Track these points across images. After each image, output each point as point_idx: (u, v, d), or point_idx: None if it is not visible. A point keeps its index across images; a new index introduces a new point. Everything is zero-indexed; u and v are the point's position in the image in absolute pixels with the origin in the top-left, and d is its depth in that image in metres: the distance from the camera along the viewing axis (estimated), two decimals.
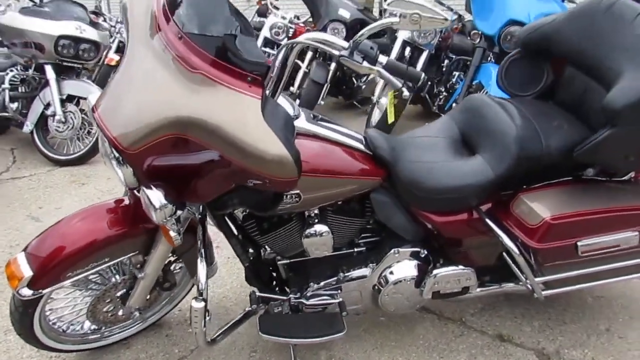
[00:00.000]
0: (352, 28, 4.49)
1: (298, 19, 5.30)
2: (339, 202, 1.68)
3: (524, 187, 1.69)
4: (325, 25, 4.43)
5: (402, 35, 4.15)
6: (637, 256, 1.72)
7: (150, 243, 1.66)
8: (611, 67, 1.57)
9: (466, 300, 2.14)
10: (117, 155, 1.35)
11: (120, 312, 1.84)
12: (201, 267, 1.53)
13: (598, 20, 1.68)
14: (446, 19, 1.34)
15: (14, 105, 4.04)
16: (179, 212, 1.46)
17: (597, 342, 1.92)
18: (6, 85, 3.97)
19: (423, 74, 1.49)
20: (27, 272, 1.52)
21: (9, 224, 3.00)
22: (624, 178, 1.79)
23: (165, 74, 1.28)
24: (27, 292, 1.52)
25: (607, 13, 1.66)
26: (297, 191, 1.49)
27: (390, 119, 1.87)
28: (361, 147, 1.64)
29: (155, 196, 1.33)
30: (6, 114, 4.06)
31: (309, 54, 4.66)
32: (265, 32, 4.93)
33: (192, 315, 1.51)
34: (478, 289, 1.86)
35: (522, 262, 1.67)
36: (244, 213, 1.67)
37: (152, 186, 1.35)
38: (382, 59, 1.37)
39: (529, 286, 1.75)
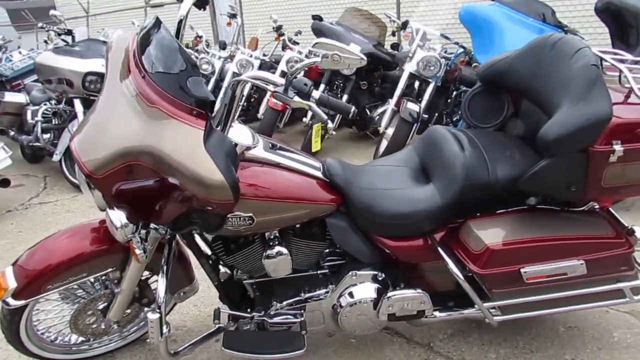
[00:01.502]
0: None
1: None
2: (298, 226, 1.80)
3: (477, 214, 1.76)
4: None
5: (409, 68, 4.28)
6: (588, 285, 1.74)
7: (126, 260, 1.82)
8: (552, 101, 1.65)
9: (435, 325, 2.19)
10: (86, 180, 1.53)
11: (102, 325, 1.99)
12: (161, 282, 1.68)
13: (545, 57, 1.76)
14: (363, 58, 1.47)
15: (46, 136, 4.39)
16: (143, 232, 1.63)
17: None
18: (39, 117, 4.33)
19: (353, 108, 1.62)
20: (12, 283, 1.70)
21: (28, 244, 3.23)
22: (582, 208, 1.83)
23: (128, 109, 1.46)
24: (12, 301, 1.70)
25: (553, 50, 1.74)
26: (250, 214, 1.62)
27: (315, 147, 1.99)
28: (317, 174, 1.77)
29: (116, 216, 1.50)
30: (39, 144, 4.42)
31: (321, 87, 4.85)
32: (282, 66, 5.16)
33: (149, 326, 1.64)
34: (438, 314, 1.91)
35: (467, 288, 1.73)
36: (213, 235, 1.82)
37: (115, 207, 1.51)
38: (315, 94, 1.50)
39: (485, 312, 1.80)
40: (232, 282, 1.93)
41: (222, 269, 1.89)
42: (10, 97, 4.89)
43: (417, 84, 4.52)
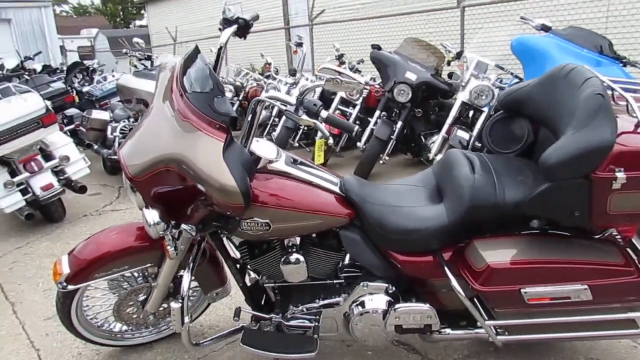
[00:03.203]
0: (418, 89, 4.75)
1: (374, 80, 5.70)
2: (314, 236, 1.95)
3: (485, 235, 1.82)
4: (393, 86, 4.74)
5: (461, 96, 4.34)
6: (596, 313, 1.74)
7: (163, 257, 2.04)
8: (560, 128, 1.70)
9: (452, 345, 2.23)
10: (130, 183, 1.78)
11: (140, 316, 2.22)
12: (186, 277, 1.89)
13: (559, 86, 1.82)
14: (360, 83, 1.61)
15: None
16: (175, 231, 1.85)
17: None
18: (117, 133, 4.81)
19: (357, 127, 1.75)
20: (66, 269, 1.98)
21: None
22: (599, 236, 1.84)
23: (166, 123, 1.70)
24: (64, 285, 1.97)
25: (566, 79, 1.79)
26: (267, 220, 1.79)
27: (318, 161, 2.12)
28: (334, 188, 1.91)
29: (150, 215, 1.73)
30: (116, 157, 4.88)
31: (377, 112, 5.00)
32: (341, 92, 5.37)
33: (172, 314, 1.84)
34: (450, 331, 1.97)
35: (469, 305, 1.79)
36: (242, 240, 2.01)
37: (150, 207, 1.75)
38: (324, 113, 1.66)
39: (488, 330, 1.84)
40: (257, 285, 2.10)
41: (250, 273, 2.06)
42: (97, 114, 5.46)
43: (471, 113, 4.57)
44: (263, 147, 1.87)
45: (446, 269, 1.81)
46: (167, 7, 17.54)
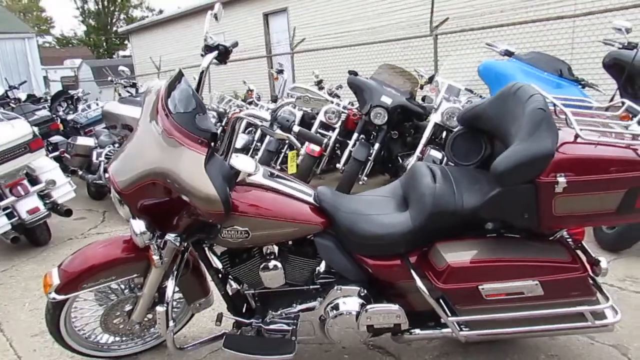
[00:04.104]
0: (393, 112, 4.97)
1: (352, 105, 5.92)
2: (290, 243, 2.10)
3: (446, 238, 1.99)
4: (369, 110, 4.96)
5: (434, 118, 4.56)
6: (549, 307, 1.90)
7: (149, 268, 2.16)
8: (510, 140, 1.89)
9: (424, 347, 2.37)
10: (118, 197, 1.92)
11: (127, 326, 2.32)
12: (170, 284, 2.02)
13: (508, 102, 2.02)
14: (327, 100, 1.80)
15: (107, 175, 4.96)
16: (160, 241, 1.98)
17: None
18: (102, 158, 4.92)
19: (325, 139, 1.93)
20: (55, 281, 2.09)
21: None
22: (552, 238, 2.02)
23: (152, 140, 1.86)
24: (54, 296, 2.08)
25: (514, 96, 2.00)
26: (246, 228, 1.94)
27: (291, 170, 2.29)
28: (309, 199, 2.07)
29: (137, 225, 1.87)
30: (101, 182, 5.00)
31: (355, 135, 5.20)
32: (320, 117, 5.55)
33: (157, 318, 1.96)
34: (419, 331, 2.11)
35: (432, 302, 1.94)
36: (223, 249, 2.14)
37: (136, 217, 1.89)
38: (296, 128, 1.84)
39: (451, 326, 1.99)
40: (238, 294, 2.23)
41: (232, 283, 2.19)
42: (81, 140, 5.57)
43: (444, 133, 4.79)
44: (242, 162, 2.02)
45: (412, 270, 1.97)
46: (150, 38, 17.83)
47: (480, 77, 4.11)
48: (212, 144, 1.83)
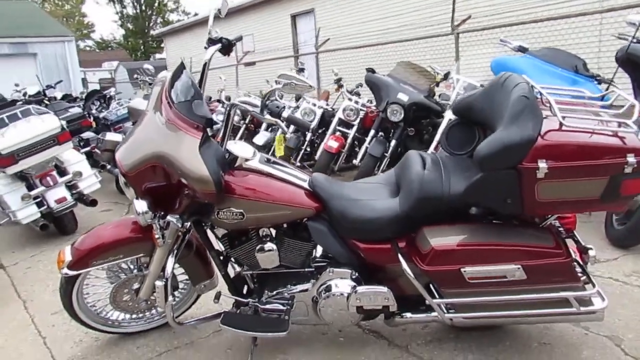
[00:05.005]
0: (409, 109, 5.02)
1: (371, 102, 5.98)
2: (285, 227, 2.19)
3: (433, 223, 2.05)
4: (386, 107, 5.02)
5: (448, 114, 4.59)
6: (533, 292, 1.94)
7: (154, 248, 2.30)
8: (496, 127, 1.94)
9: (417, 332, 2.43)
10: (124, 179, 2.06)
11: (135, 304, 2.47)
12: (170, 261, 2.14)
13: (497, 92, 2.06)
14: (311, 86, 1.88)
15: None
16: (163, 222, 2.11)
17: None
18: None
19: (312, 124, 2.01)
20: (68, 258, 2.25)
21: None
22: (542, 225, 2.05)
23: (155, 128, 1.99)
24: (67, 271, 2.24)
25: (503, 85, 2.04)
26: (241, 210, 2.05)
27: (278, 153, 2.37)
28: (303, 184, 2.17)
29: (139, 205, 2.00)
30: None
31: (372, 132, 5.26)
32: (339, 114, 5.65)
33: (156, 292, 2.09)
34: (409, 314, 2.17)
35: (417, 285, 2.00)
36: (224, 232, 2.26)
37: (139, 198, 2.02)
38: (285, 113, 1.95)
39: (436, 307, 2.04)
40: (238, 276, 2.34)
41: (234, 267, 2.30)
42: (110, 136, 5.79)
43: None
44: (240, 147, 2.13)
45: (399, 254, 2.03)
46: (184, 40, 18.29)
47: (493, 73, 4.11)
48: (207, 129, 1.95)
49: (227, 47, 2.30)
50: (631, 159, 1.74)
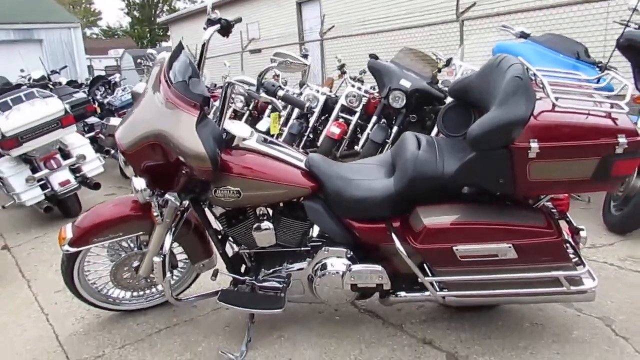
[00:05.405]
0: (412, 96, 5.02)
1: (374, 89, 5.99)
2: (281, 206, 2.23)
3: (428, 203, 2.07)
4: (388, 93, 5.03)
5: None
6: (524, 271, 1.97)
7: (154, 226, 2.34)
8: (490, 108, 1.95)
9: (412, 312, 2.47)
10: (123, 158, 2.10)
11: (135, 281, 2.52)
12: (167, 238, 2.19)
13: (492, 73, 2.07)
14: (305, 64, 1.91)
15: None
16: (161, 200, 2.15)
17: (508, 354, 2.12)
18: None
19: (307, 103, 2.04)
20: (69, 234, 2.30)
21: None
22: (536, 205, 2.07)
23: (153, 107, 2.02)
24: (67, 248, 2.29)
25: (497, 67, 2.05)
26: (238, 188, 2.08)
27: (273, 131, 2.40)
28: (300, 164, 2.20)
29: (138, 182, 2.04)
30: None
31: (374, 118, 5.27)
32: (342, 100, 5.67)
33: (154, 268, 2.14)
34: (403, 293, 2.21)
35: (410, 263, 2.04)
36: (222, 211, 2.30)
37: (138, 176, 2.06)
38: (280, 92, 1.96)
39: (428, 285, 2.08)
40: (236, 255, 2.38)
41: (232, 246, 2.34)
42: (114, 121, 5.85)
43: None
44: (237, 127, 2.16)
45: (392, 233, 2.06)
46: (189, 28, 18.27)
47: None
48: (204, 107, 1.98)
49: (226, 28, 2.31)
50: (622, 139, 1.76)
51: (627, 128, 1.78)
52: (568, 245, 2.04)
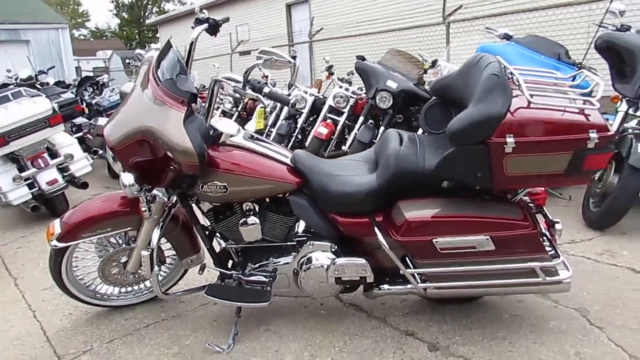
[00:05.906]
0: (398, 96, 5.10)
1: (361, 90, 6.06)
2: (267, 200, 2.28)
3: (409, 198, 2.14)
4: (375, 94, 5.10)
5: None
6: (501, 263, 2.04)
7: (142, 222, 2.38)
8: (468, 105, 2.02)
9: (395, 305, 2.53)
10: (112, 154, 2.14)
11: (123, 277, 2.55)
12: (155, 232, 2.23)
13: (471, 71, 2.15)
14: (289, 62, 1.96)
15: None
16: (149, 195, 2.19)
17: (487, 343, 2.18)
18: None
19: (292, 99, 2.10)
20: (57, 230, 2.33)
21: None
22: (514, 199, 2.14)
23: (142, 104, 2.06)
24: (56, 243, 2.32)
25: (476, 65, 2.13)
26: (225, 184, 2.13)
27: (258, 126, 2.46)
28: (286, 160, 2.25)
29: (126, 177, 2.08)
30: None
31: (361, 119, 5.34)
32: (330, 101, 5.73)
33: (142, 262, 2.18)
34: (386, 286, 2.27)
35: (392, 255, 2.10)
36: (209, 207, 2.34)
37: (126, 171, 2.10)
38: (266, 89, 2.02)
39: (410, 277, 2.14)
40: (223, 251, 2.42)
41: (220, 242, 2.38)
42: (102, 121, 5.84)
43: None
44: (224, 124, 2.21)
45: (375, 226, 2.12)
46: (178, 29, 18.25)
47: None
48: (191, 103, 2.02)
49: (213, 27, 2.35)
50: (593, 134, 1.83)
51: (598, 124, 1.85)
52: (544, 237, 2.11)
